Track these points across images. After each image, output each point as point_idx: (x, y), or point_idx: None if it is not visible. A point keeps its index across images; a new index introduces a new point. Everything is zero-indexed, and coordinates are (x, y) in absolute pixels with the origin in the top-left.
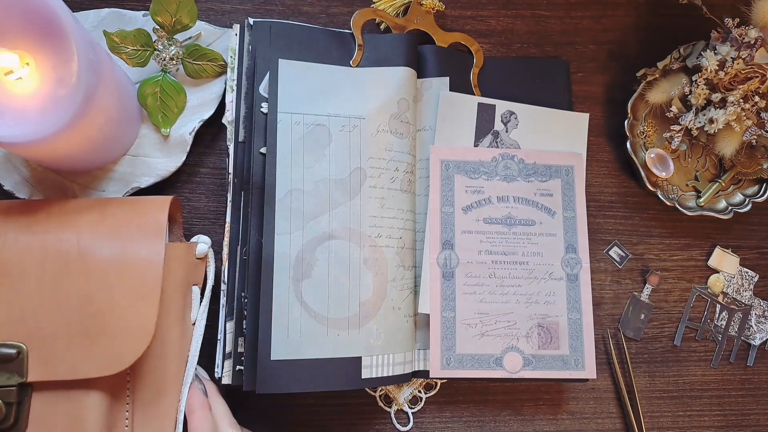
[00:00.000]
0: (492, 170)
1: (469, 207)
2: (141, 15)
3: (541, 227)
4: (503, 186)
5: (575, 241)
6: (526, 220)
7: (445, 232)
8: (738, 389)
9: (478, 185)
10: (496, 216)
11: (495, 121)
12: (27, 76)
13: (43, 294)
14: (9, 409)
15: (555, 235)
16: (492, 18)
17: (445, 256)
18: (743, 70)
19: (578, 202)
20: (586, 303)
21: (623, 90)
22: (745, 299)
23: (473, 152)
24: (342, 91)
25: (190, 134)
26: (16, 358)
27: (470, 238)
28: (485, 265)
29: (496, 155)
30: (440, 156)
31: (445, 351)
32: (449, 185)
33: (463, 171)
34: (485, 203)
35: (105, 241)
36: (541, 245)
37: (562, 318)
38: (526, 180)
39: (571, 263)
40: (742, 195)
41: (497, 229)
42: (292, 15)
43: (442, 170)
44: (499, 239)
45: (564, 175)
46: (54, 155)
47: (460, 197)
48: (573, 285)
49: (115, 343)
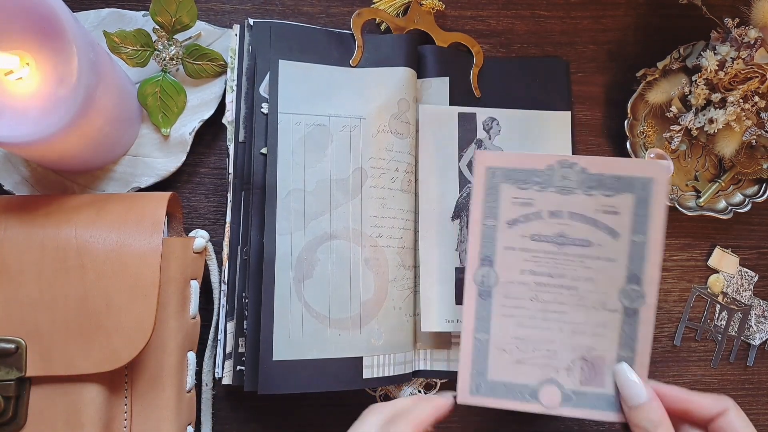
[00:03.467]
0: (547, 180)
1: (514, 221)
2: (141, 15)
3: (599, 250)
4: (558, 199)
5: (641, 270)
6: (581, 240)
7: (485, 246)
8: (738, 389)
9: (527, 197)
10: (545, 233)
11: (477, 130)
12: (27, 76)
13: (42, 289)
14: (8, 403)
15: (614, 261)
16: (492, 18)
17: (482, 274)
18: (743, 70)
19: (653, 225)
20: (644, 343)
21: (623, 90)
22: (745, 299)
23: (525, 158)
24: (342, 92)
25: (190, 134)
26: (15, 353)
27: (513, 255)
28: (527, 287)
29: (552, 162)
30: (486, 162)
31: (475, 376)
32: (494, 195)
33: (511, 180)
34: (534, 218)
35: (103, 236)
36: (596, 270)
37: (610, 354)
38: (586, 193)
39: (632, 296)
40: (742, 195)
41: (545, 247)
42: (292, 15)
43: (487, 178)
44: (546, 259)
45: (639, 190)
46: (54, 155)
47: (506, 209)
48: (630, 320)
49: (113, 340)
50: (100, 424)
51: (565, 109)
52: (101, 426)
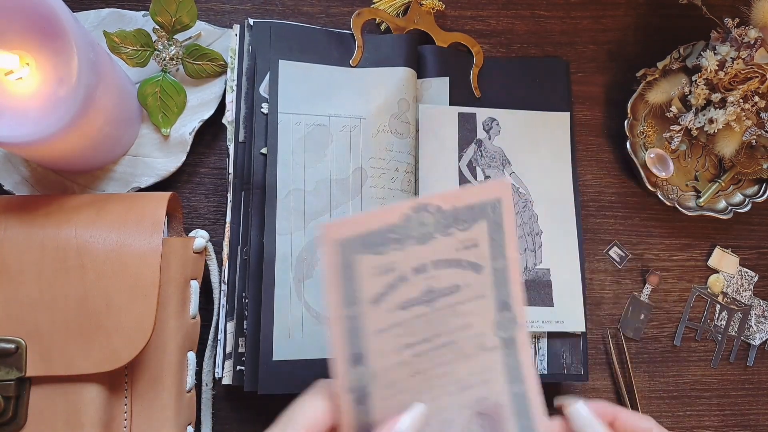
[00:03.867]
0: (404, 234)
1: (379, 296)
2: (141, 15)
3: (468, 291)
4: (419, 252)
5: (507, 294)
6: (449, 288)
7: (352, 344)
8: (738, 389)
9: (387, 262)
10: (413, 295)
11: (477, 130)
12: (27, 76)
13: (42, 289)
14: (8, 403)
15: (484, 297)
16: (492, 18)
17: (356, 378)
18: (743, 70)
19: (509, 245)
20: (529, 368)
21: (623, 90)
22: (745, 299)
23: (377, 216)
24: (342, 92)
25: (190, 134)
26: (15, 353)
27: (385, 337)
28: (406, 365)
29: (407, 211)
30: (335, 235)
31: None
32: (350, 275)
33: (367, 248)
34: (399, 283)
35: (103, 236)
36: (469, 314)
37: (503, 396)
38: (445, 234)
39: (505, 324)
40: (742, 195)
41: (416, 312)
42: (292, 15)
43: (341, 256)
44: (420, 324)
45: (490, 214)
46: (54, 155)
47: (367, 286)
48: (510, 351)
49: (113, 340)
50: (100, 424)
51: (565, 109)
52: (101, 426)
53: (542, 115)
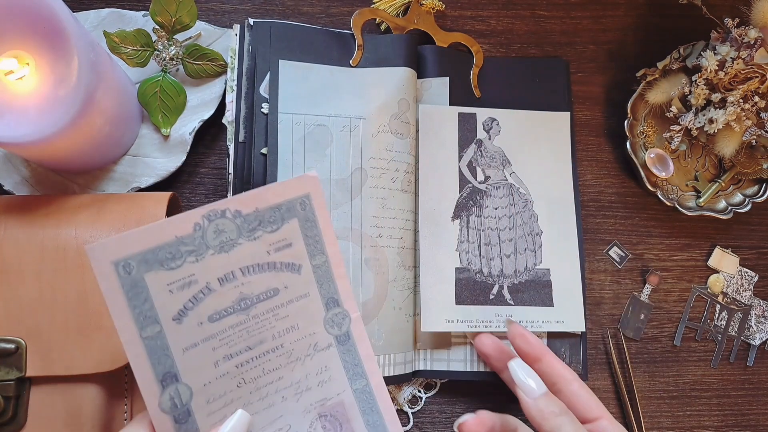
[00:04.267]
0: (200, 244)
1: (182, 312)
2: (141, 15)
3: (288, 293)
4: (222, 260)
5: (334, 290)
6: (265, 293)
7: (158, 363)
8: (738, 389)
9: (185, 275)
10: (223, 306)
11: (477, 130)
12: (27, 77)
13: (42, 289)
14: (8, 403)
15: (307, 296)
16: (492, 18)
17: (170, 395)
18: (743, 71)
19: (327, 240)
20: (370, 361)
21: (623, 90)
22: (745, 299)
23: (161, 228)
24: (342, 92)
25: (190, 134)
26: (15, 353)
27: (198, 353)
28: (228, 376)
29: (198, 220)
30: (109, 257)
31: None
32: (141, 295)
33: (155, 264)
34: (204, 295)
35: (103, 236)
36: (294, 315)
37: (345, 394)
38: (250, 238)
39: (337, 321)
40: (742, 195)
41: (230, 321)
42: (292, 15)
43: (120, 277)
44: (238, 334)
45: (300, 211)
46: (54, 155)
47: (164, 304)
48: (346, 347)
49: (112, 341)
50: (100, 424)
51: (566, 109)
52: (101, 426)
53: (543, 114)
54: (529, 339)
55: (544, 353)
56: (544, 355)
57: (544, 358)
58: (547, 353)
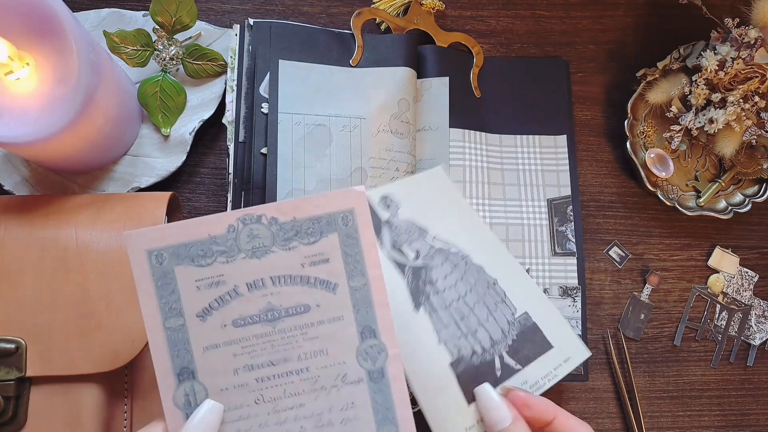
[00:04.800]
0: (232, 245)
1: (207, 310)
2: (141, 15)
3: (320, 312)
4: (253, 266)
5: (372, 319)
6: (295, 307)
7: (177, 356)
8: (738, 389)
9: (214, 274)
10: (249, 313)
11: (379, 213)
12: (27, 77)
13: (42, 289)
14: (8, 403)
15: (341, 319)
16: (492, 18)
17: (185, 392)
18: (743, 70)
19: (369, 261)
20: (403, 407)
21: (623, 90)
22: (745, 299)
23: (196, 226)
24: (342, 92)
25: (190, 134)
26: (15, 353)
27: (218, 355)
28: (247, 388)
29: (233, 221)
30: (144, 245)
31: None
32: (170, 286)
33: (187, 259)
34: (230, 298)
35: (103, 236)
36: (324, 338)
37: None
38: (285, 248)
39: (372, 354)
40: (742, 195)
41: (255, 330)
42: (292, 15)
43: (152, 266)
44: (262, 345)
45: (341, 226)
46: (54, 155)
47: (191, 299)
48: (378, 385)
49: (112, 340)
50: (100, 424)
51: (565, 109)
52: (101, 426)
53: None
54: (531, 405)
55: (554, 412)
56: (554, 414)
57: (555, 419)
58: (556, 411)
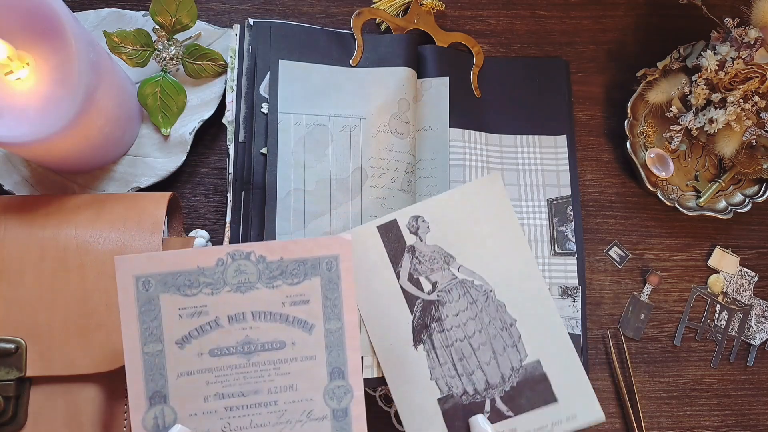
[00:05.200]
0: (219, 278)
1: (186, 338)
2: (141, 15)
3: (295, 349)
4: (236, 299)
5: (343, 362)
6: (272, 343)
7: (152, 380)
8: (738, 389)
9: (197, 304)
10: (227, 344)
11: (404, 236)
12: (27, 76)
13: (42, 289)
14: (8, 403)
15: (314, 358)
16: (492, 18)
17: (155, 415)
18: (743, 70)
19: (346, 307)
20: None
21: (623, 90)
22: (745, 299)
23: (187, 257)
24: (342, 92)
25: (190, 134)
26: (15, 353)
27: (191, 381)
28: (216, 415)
29: (223, 255)
30: (133, 270)
31: None
32: (152, 312)
33: (173, 287)
34: (211, 328)
35: (103, 236)
36: (295, 375)
37: None
38: (269, 285)
39: (338, 394)
40: (742, 195)
41: (230, 361)
42: (292, 15)
43: (138, 291)
44: (234, 376)
45: (325, 271)
46: (54, 155)
47: (172, 326)
48: (341, 424)
49: (112, 340)
50: (100, 424)
51: (564, 110)
52: (101, 426)
53: (468, 187)
54: None
55: None
56: None
57: None
58: None
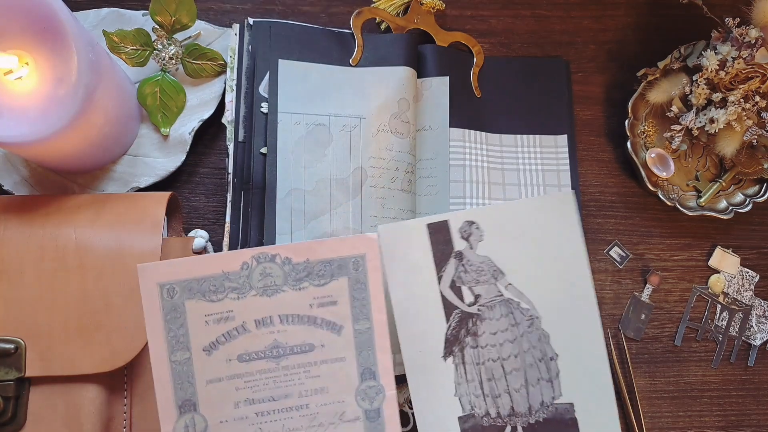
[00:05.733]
0: (244, 283)
1: (213, 345)
2: (141, 15)
3: (324, 351)
4: (263, 303)
5: (373, 362)
6: (300, 346)
7: (180, 389)
8: (738, 389)
9: (223, 310)
10: (255, 349)
11: (453, 240)
12: (27, 76)
13: (41, 289)
14: (7, 404)
15: (344, 360)
16: (492, 17)
17: (185, 424)
18: (744, 70)
19: (375, 306)
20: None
21: (623, 90)
22: (746, 299)
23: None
24: (342, 91)
25: (189, 134)
26: (14, 353)
27: (220, 388)
28: (247, 421)
29: (247, 259)
30: (156, 278)
31: None
32: (178, 320)
33: (198, 293)
34: (238, 333)
35: (102, 236)
36: (326, 377)
37: None
38: (296, 287)
39: (370, 394)
40: (743, 195)
41: (259, 366)
42: (292, 15)
43: (162, 299)
44: (264, 380)
45: (352, 271)
46: (53, 155)
47: (199, 333)
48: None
49: (112, 340)
50: (100, 424)
51: (565, 110)
52: (101, 426)
53: (536, 201)
54: None
55: None
56: None
57: None
58: None
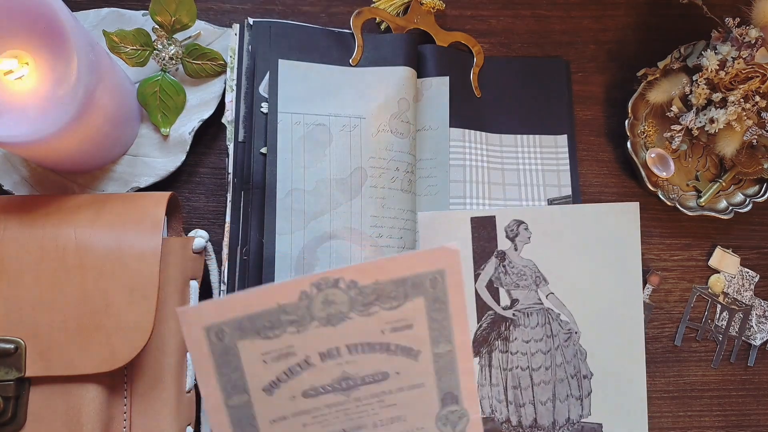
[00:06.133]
0: (304, 314)
1: (275, 383)
2: (141, 14)
3: (400, 379)
4: (328, 334)
5: (455, 385)
6: (372, 376)
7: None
8: (738, 389)
9: (282, 346)
10: (322, 383)
11: (498, 238)
12: (26, 76)
13: (41, 289)
14: (7, 404)
15: (422, 386)
16: (492, 17)
17: None
18: (744, 70)
19: (456, 327)
20: None
21: (623, 90)
22: (746, 299)
23: (262, 294)
24: (342, 91)
25: (189, 134)
26: (14, 353)
27: (286, 426)
28: None
29: (306, 288)
30: (201, 322)
31: None
32: (231, 363)
33: (251, 332)
34: (301, 369)
35: (102, 236)
36: (402, 405)
37: None
38: (364, 313)
39: (452, 419)
40: (743, 195)
41: (328, 400)
42: (292, 15)
43: (210, 344)
44: (334, 414)
45: (429, 289)
46: (53, 155)
47: (256, 374)
48: None
49: (112, 340)
50: (100, 425)
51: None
52: (101, 426)
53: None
54: None
55: None
56: None
57: None
58: None
